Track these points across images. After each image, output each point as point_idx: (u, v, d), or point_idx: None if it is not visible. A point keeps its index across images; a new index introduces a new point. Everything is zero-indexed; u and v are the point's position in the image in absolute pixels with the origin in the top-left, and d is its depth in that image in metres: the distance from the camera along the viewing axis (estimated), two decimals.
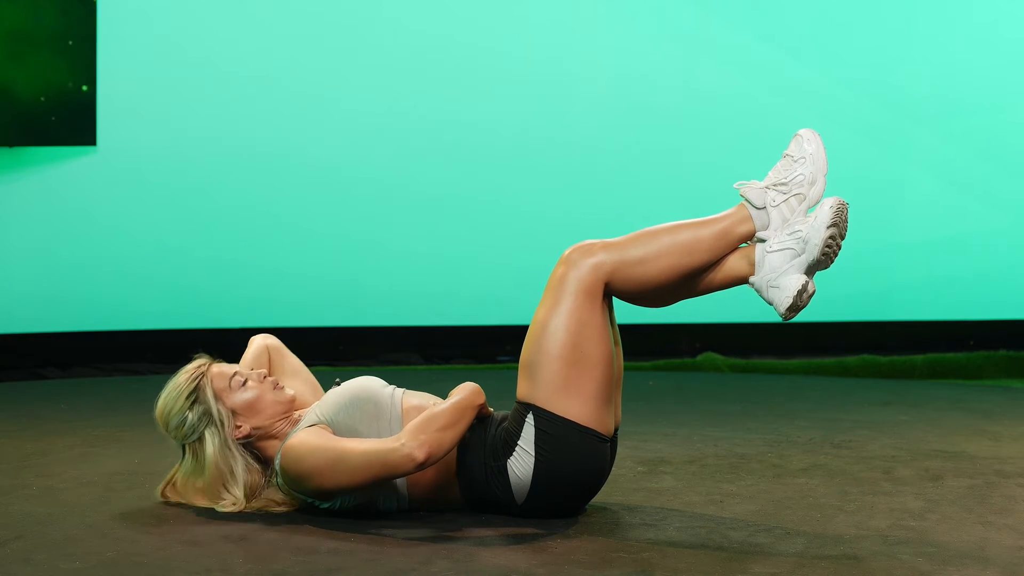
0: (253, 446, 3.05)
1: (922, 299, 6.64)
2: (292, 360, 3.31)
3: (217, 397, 3.03)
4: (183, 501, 3.08)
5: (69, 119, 5.97)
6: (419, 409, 3.03)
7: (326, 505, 2.98)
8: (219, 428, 3.01)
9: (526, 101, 6.40)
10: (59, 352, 6.04)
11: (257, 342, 3.30)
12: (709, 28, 6.47)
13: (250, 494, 3.03)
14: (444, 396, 3.17)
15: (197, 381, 3.04)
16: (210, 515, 3.01)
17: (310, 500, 2.99)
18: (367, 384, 3.07)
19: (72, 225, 6.06)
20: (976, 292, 6.64)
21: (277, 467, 3.00)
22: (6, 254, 6.01)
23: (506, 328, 6.37)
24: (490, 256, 6.41)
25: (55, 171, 6.02)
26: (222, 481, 3.02)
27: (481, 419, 3.02)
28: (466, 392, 2.96)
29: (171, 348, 6.14)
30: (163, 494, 3.12)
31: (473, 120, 6.39)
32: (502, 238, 6.40)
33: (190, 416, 3.01)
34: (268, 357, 3.26)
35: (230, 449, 3.02)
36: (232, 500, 3.01)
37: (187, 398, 3.02)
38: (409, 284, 6.36)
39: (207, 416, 3.01)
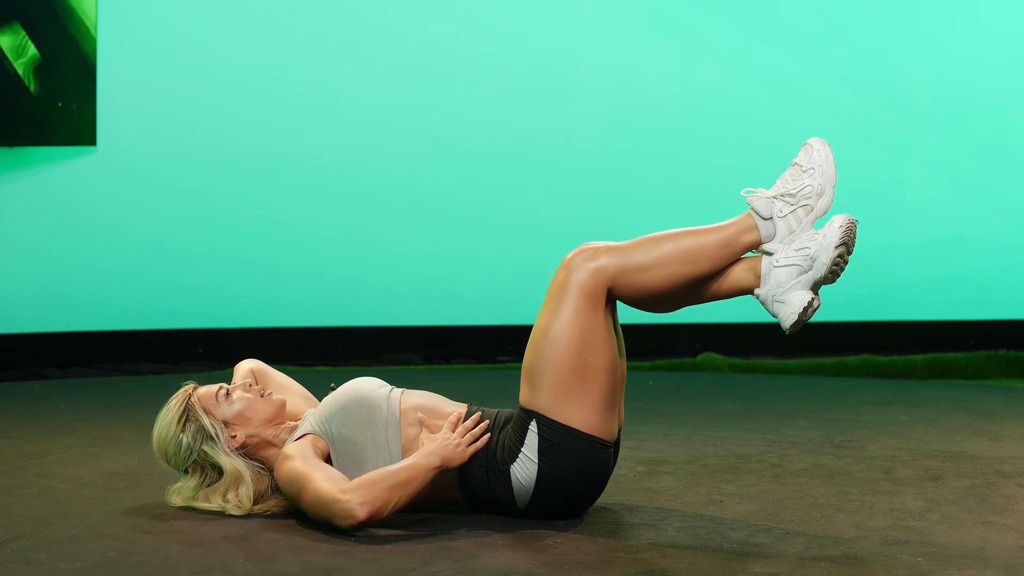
0: (253, 456, 3.06)
1: (922, 299, 6.63)
2: (278, 377, 3.32)
3: (207, 412, 3.04)
4: (191, 506, 3.08)
5: (69, 119, 5.97)
6: (420, 409, 3.02)
7: None
8: (216, 441, 3.02)
9: (526, 101, 6.40)
10: (59, 352, 6.03)
11: (242, 367, 3.31)
12: (709, 28, 6.47)
13: (257, 498, 3.04)
14: (446, 395, 3.17)
15: (185, 403, 3.06)
16: (210, 515, 3.01)
17: None
18: (359, 388, 3.06)
19: (72, 225, 6.05)
20: (976, 292, 6.63)
21: (275, 478, 3.03)
22: (6, 254, 6.01)
23: (506, 328, 6.37)
24: (490, 256, 6.40)
25: (55, 171, 6.02)
26: (235, 485, 3.02)
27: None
28: (421, 456, 2.91)
29: (171, 348, 6.14)
30: (173, 502, 3.10)
31: (473, 120, 6.39)
32: (502, 238, 6.40)
33: (184, 438, 3.02)
34: (254, 379, 3.26)
35: (233, 457, 3.03)
36: (237, 503, 3.01)
37: (179, 421, 3.04)
38: (409, 284, 6.35)
39: (201, 432, 3.02)
